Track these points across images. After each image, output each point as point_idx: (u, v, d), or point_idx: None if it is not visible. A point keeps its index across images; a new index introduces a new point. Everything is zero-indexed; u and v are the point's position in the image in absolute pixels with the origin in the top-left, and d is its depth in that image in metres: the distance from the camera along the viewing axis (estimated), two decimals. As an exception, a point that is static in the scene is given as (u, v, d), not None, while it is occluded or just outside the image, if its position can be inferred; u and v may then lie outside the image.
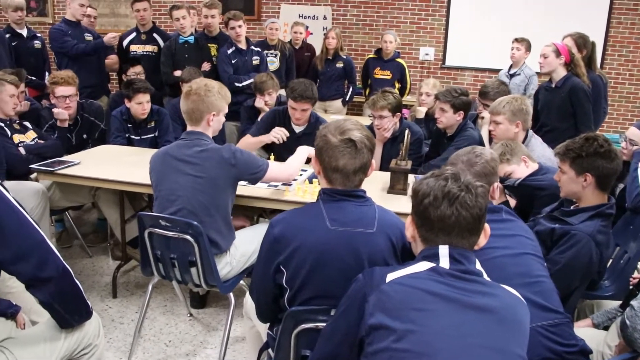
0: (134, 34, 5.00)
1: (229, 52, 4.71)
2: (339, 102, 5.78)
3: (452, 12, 6.61)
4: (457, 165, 1.93)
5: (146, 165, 2.58)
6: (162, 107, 4.18)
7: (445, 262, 1.35)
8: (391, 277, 1.34)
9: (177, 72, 4.55)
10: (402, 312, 1.28)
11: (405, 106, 4.12)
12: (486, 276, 1.39)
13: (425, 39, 6.78)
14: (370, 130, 1.83)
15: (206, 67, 4.71)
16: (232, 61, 4.71)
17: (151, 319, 3.07)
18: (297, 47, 5.76)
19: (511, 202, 2.60)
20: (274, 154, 3.41)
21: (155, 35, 5.01)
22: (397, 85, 5.66)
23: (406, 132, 3.03)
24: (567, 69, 3.70)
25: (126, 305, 3.22)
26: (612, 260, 2.51)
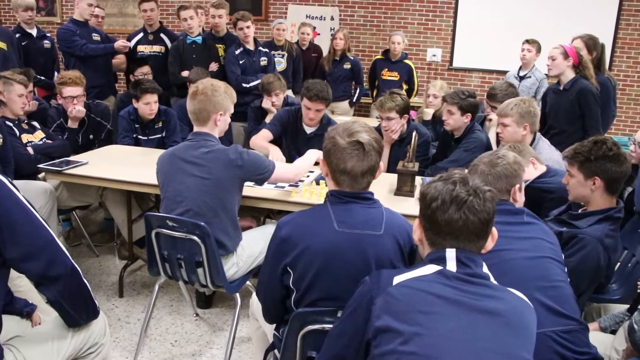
0: (141, 34, 5.00)
1: (237, 52, 4.72)
2: (346, 104, 5.76)
3: (460, 13, 6.58)
4: (478, 166, 1.91)
5: (153, 165, 2.58)
6: (169, 107, 4.19)
7: (452, 265, 1.35)
8: (398, 279, 1.34)
9: (185, 73, 4.56)
10: (408, 315, 1.27)
11: (412, 108, 4.11)
12: (493, 280, 1.39)
13: (432, 40, 6.74)
14: (377, 131, 1.82)
15: (214, 67, 4.71)
16: (240, 62, 4.71)
17: (157, 318, 3.08)
18: (304, 47, 5.74)
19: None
20: (284, 154, 3.41)
21: (162, 35, 5.02)
22: (405, 86, 5.63)
23: (413, 134, 3.02)
24: (575, 71, 3.66)
25: (132, 304, 3.23)
26: (619, 263, 2.49)
